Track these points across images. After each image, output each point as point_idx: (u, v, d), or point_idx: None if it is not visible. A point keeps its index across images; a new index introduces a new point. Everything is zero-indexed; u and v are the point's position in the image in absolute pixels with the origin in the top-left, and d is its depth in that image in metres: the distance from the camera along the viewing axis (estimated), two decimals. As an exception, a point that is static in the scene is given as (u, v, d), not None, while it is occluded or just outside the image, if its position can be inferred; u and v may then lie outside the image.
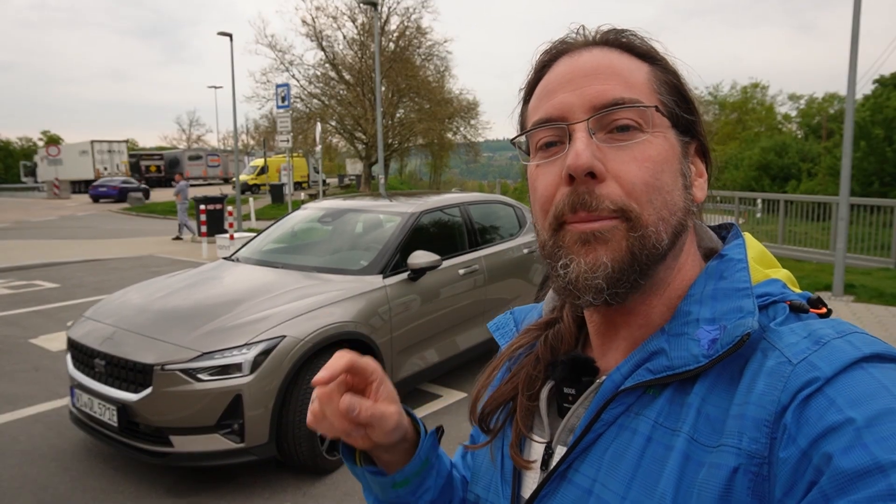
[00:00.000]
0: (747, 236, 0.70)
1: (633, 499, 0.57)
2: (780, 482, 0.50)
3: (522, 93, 0.72)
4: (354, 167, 35.54)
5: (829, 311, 0.63)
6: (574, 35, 0.69)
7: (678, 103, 0.65)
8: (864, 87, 29.77)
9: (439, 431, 0.80)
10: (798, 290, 0.66)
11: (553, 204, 0.63)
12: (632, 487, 0.58)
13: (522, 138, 0.69)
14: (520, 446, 0.71)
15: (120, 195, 30.98)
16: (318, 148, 18.98)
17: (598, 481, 0.61)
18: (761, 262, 0.70)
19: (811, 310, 0.62)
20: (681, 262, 0.66)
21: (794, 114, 51.63)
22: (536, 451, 0.70)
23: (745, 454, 0.52)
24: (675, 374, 0.59)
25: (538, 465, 0.68)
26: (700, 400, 0.57)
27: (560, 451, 0.66)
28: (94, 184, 33.34)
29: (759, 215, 13.84)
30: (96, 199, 31.83)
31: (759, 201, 14.17)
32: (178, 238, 16.51)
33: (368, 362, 0.69)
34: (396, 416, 0.70)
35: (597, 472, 0.61)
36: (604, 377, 0.65)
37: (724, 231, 0.73)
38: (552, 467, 0.65)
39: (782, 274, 0.69)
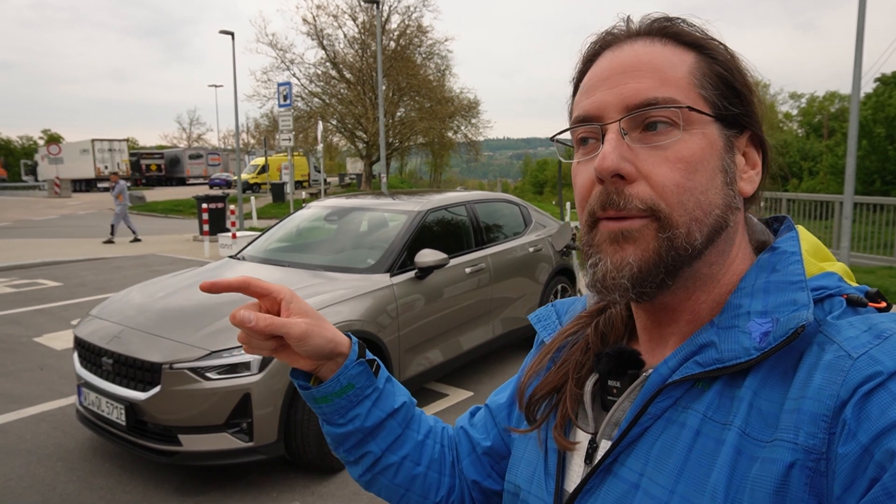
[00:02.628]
0: (801, 229, 0.69)
1: (681, 493, 0.56)
2: (840, 478, 0.49)
3: (572, 85, 0.71)
4: (355, 166, 35.57)
5: (889, 306, 0.61)
6: (620, 25, 0.68)
7: (725, 95, 0.63)
8: (866, 86, 29.75)
9: (373, 364, 0.83)
10: (855, 284, 0.65)
11: (588, 200, 0.64)
12: (680, 481, 0.57)
13: (566, 134, 0.69)
14: (564, 434, 0.71)
15: (226, 185, 39.17)
16: (320, 147, 19.00)
17: (645, 475, 0.60)
18: (816, 255, 0.68)
19: (869, 304, 0.60)
20: (731, 257, 0.65)
21: (795, 112, 51.72)
22: (580, 440, 0.69)
23: (801, 449, 0.51)
24: (725, 367, 0.58)
25: (583, 453, 0.68)
26: (752, 394, 0.56)
27: (605, 446, 0.66)
28: (213, 177, 42.97)
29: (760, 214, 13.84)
30: (211, 186, 39.73)
31: (760, 201, 14.13)
32: (109, 241, 15.14)
33: (269, 285, 0.76)
34: (304, 326, 0.74)
35: (644, 466, 0.60)
36: (650, 370, 0.65)
37: (775, 224, 0.72)
38: (597, 461, 0.65)
39: (838, 267, 0.67)
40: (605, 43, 0.67)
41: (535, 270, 5.83)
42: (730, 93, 0.64)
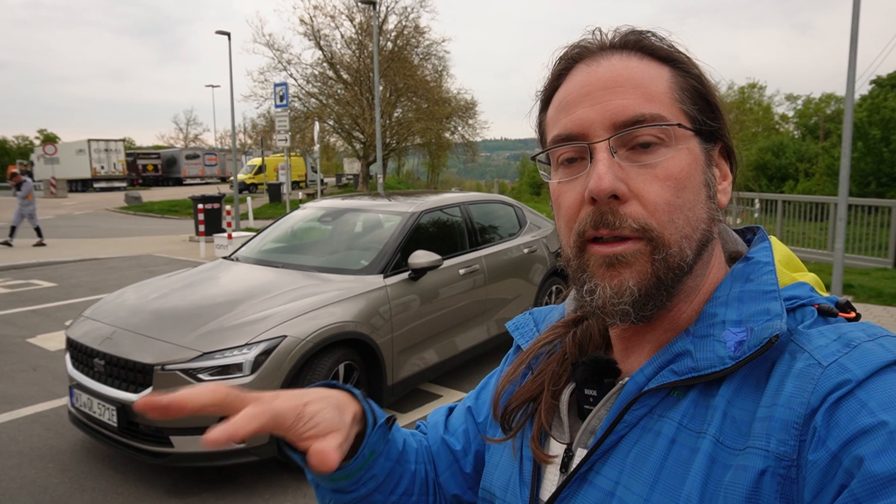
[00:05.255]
0: (773, 240, 0.69)
1: (656, 501, 0.57)
2: (810, 485, 0.49)
3: (539, 98, 0.70)
4: (352, 166, 35.51)
5: (858, 316, 0.62)
6: (590, 38, 0.67)
7: (701, 110, 0.63)
8: (861, 88, 29.88)
9: (389, 422, 0.75)
10: (825, 294, 0.66)
11: (577, 221, 0.63)
12: (655, 490, 0.57)
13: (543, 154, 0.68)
14: (540, 444, 0.71)
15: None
16: (316, 147, 18.98)
17: (620, 483, 0.60)
18: (788, 266, 0.69)
19: (840, 314, 0.61)
20: (710, 268, 0.66)
21: (791, 114, 51.94)
22: (556, 451, 0.69)
23: (773, 456, 0.51)
24: (700, 376, 0.58)
25: (558, 463, 0.68)
26: (726, 402, 0.57)
27: (580, 454, 0.66)
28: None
29: (756, 215, 13.87)
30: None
31: (756, 202, 14.18)
32: (6, 243, 14.15)
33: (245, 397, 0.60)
34: (294, 412, 0.62)
35: (619, 474, 0.60)
36: (626, 378, 0.65)
37: (749, 234, 0.73)
38: (572, 469, 0.65)
39: (809, 277, 0.69)
40: (577, 56, 0.66)
41: (530, 271, 5.83)
42: (706, 107, 0.64)
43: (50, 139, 61.69)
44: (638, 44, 0.64)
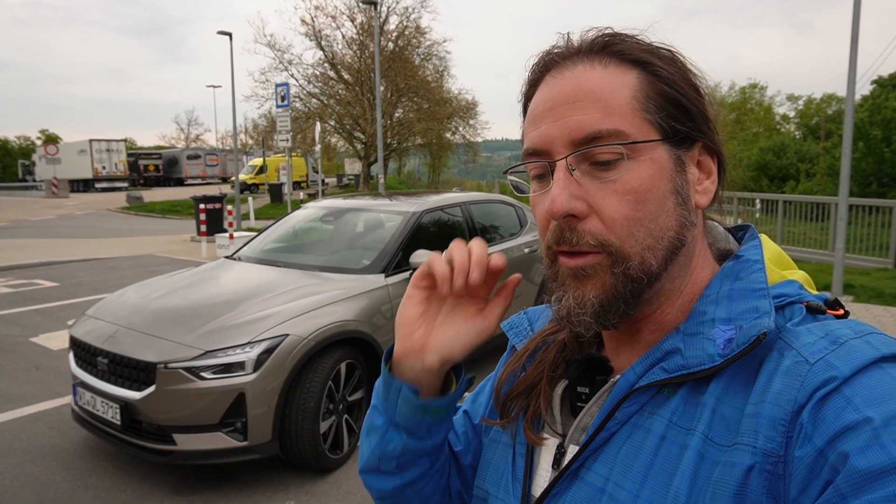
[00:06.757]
0: (764, 238, 0.70)
1: (646, 497, 0.57)
2: (796, 481, 0.50)
3: (521, 105, 0.71)
4: (353, 167, 35.50)
5: (847, 313, 0.63)
6: (559, 44, 0.67)
7: (671, 115, 0.62)
8: (863, 88, 29.88)
9: (471, 381, 0.79)
10: (815, 292, 0.67)
11: (545, 235, 0.66)
12: (645, 486, 0.58)
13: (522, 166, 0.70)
14: (534, 429, 0.72)
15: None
16: (317, 147, 18.99)
17: (611, 480, 0.61)
18: (778, 264, 0.70)
19: (828, 311, 0.62)
20: (692, 268, 0.66)
21: (792, 114, 51.91)
22: (549, 446, 0.70)
23: (760, 453, 0.52)
24: (690, 374, 0.59)
25: (550, 458, 0.69)
26: (715, 399, 0.57)
27: (572, 451, 0.67)
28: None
29: (757, 215, 13.87)
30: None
31: (757, 202, 14.17)
32: None
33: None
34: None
35: (610, 470, 0.61)
36: (618, 376, 0.66)
37: (739, 232, 0.73)
38: (564, 465, 0.66)
39: (799, 275, 0.69)
40: (547, 65, 0.67)
41: (530, 271, 5.85)
42: (676, 111, 0.63)
43: (52, 139, 61.73)
44: (606, 48, 0.64)
